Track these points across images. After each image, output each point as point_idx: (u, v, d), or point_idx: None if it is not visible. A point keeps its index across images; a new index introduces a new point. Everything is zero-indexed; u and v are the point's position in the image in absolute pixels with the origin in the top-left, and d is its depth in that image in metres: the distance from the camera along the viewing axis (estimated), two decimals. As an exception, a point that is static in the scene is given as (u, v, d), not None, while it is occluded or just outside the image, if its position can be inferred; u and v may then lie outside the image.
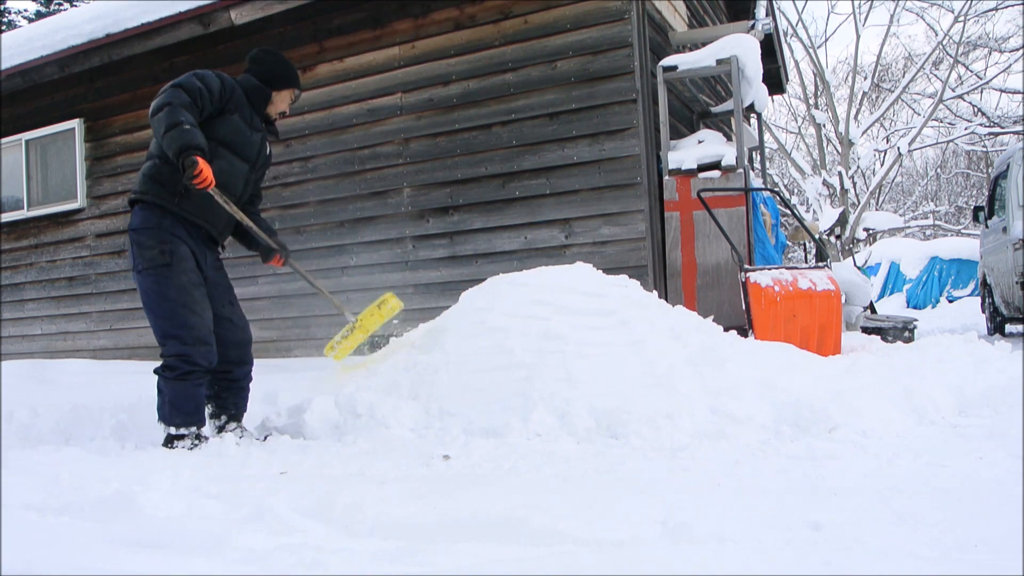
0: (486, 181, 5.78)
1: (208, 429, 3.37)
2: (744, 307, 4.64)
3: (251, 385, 3.52)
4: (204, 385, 3.27)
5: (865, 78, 20.49)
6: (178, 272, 3.17)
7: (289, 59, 3.65)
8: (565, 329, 3.55)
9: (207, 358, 3.20)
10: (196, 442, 3.20)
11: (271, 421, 3.56)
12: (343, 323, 6.33)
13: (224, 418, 3.41)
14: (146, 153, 3.34)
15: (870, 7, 19.69)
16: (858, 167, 19.58)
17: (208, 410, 3.38)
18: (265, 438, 3.36)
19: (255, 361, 3.53)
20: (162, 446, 3.19)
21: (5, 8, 23.16)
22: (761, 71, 5.88)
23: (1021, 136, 16.16)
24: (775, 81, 9.40)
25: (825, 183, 18.71)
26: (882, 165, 19.45)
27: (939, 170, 27.84)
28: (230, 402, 3.43)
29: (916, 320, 6.48)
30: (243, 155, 3.35)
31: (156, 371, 3.22)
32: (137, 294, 7.88)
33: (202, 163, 2.99)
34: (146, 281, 3.21)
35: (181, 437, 3.19)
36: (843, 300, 5.14)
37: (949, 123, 20.99)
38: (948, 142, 22.04)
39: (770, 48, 8.66)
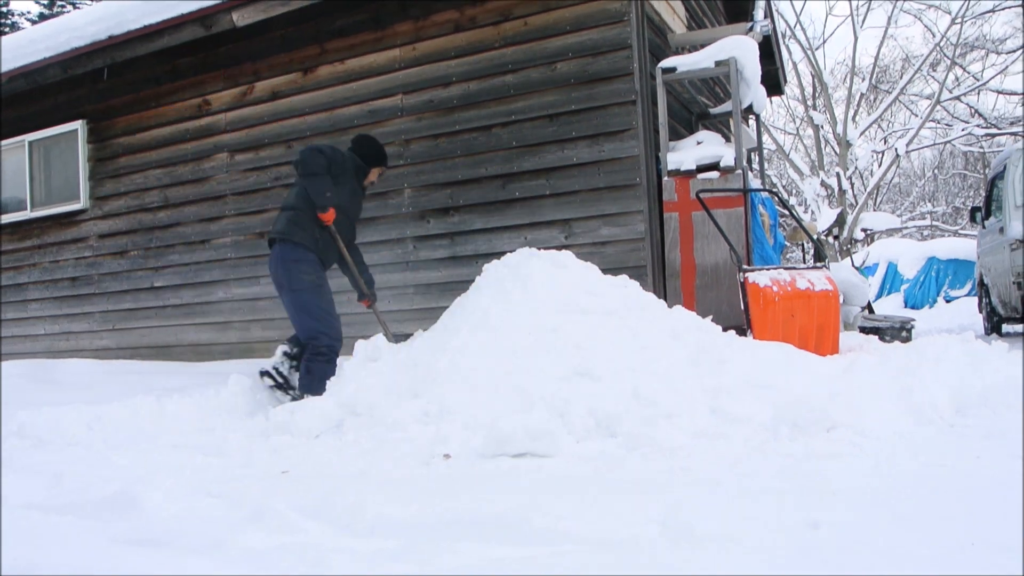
0: (486, 182, 5.78)
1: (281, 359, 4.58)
2: (743, 307, 4.65)
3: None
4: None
5: (863, 79, 20.48)
6: (325, 291, 4.46)
7: (380, 144, 4.86)
8: (565, 329, 3.57)
9: (340, 349, 4.42)
10: None
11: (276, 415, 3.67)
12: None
13: (295, 359, 4.59)
14: (283, 203, 4.69)
15: (868, 9, 19.75)
16: (856, 168, 19.60)
17: (293, 349, 4.58)
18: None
19: (256, 361, 4.57)
20: None
21: (8, 10, 23.21)
22: (759, 72, 5.88)
23: (1017, 137, 16.18)
24: (773, 82, 9.40)
25: (823, 184, 18.75)
26: (880, 166, 19.48)
27: (936, 171, 27.86)
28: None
29: (913, 320, 6.48)
30: (350, 214, 4.71)
31: (308, 355, 4.33)
32: (138, 295, 7.87)
33: (332, 211, 4.43)
34: (303, 296, 4.38)
35: None
36: (841, 300, 5.14)
37: (946, 124, 20.99)
38: (945, 143, 22.05)
39: (768, 50, 8.66)
